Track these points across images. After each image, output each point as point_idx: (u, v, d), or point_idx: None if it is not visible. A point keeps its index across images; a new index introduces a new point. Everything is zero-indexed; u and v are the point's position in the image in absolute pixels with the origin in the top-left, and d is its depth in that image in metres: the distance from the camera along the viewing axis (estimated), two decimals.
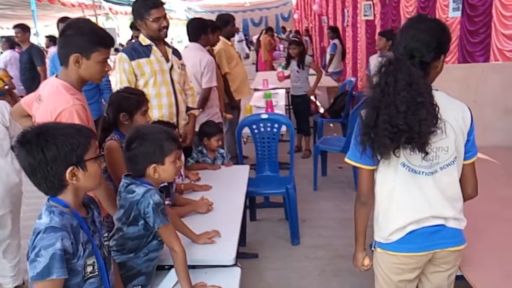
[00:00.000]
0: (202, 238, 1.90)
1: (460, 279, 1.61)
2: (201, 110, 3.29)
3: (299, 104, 5.20)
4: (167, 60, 2.73)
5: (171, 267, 1.78)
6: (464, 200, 1.55)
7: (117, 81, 2.65)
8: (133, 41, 4.35)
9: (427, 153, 1.36)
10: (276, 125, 3.39)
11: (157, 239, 1.67)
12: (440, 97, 1.39)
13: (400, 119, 1.30)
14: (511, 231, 1.82)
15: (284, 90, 5.79)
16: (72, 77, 1.81)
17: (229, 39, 4.49)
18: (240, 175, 2.76)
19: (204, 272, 1.84)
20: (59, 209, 1.24)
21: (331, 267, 2.90)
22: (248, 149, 4.67)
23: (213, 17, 4.54)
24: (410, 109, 1.30)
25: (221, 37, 4.20)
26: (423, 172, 1.43)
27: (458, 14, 3.91)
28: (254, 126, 3.42)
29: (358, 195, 1.55)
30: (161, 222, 1.58)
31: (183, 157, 2.74)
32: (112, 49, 1.98)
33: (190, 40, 3.72)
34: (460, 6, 3.86)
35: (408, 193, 1.46)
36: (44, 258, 1.16)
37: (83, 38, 1.76)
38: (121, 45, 11.74)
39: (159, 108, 2.66)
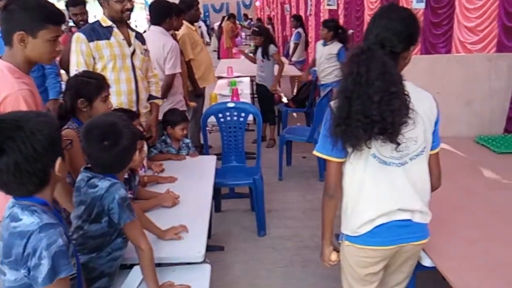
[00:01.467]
0: (168, 234, 1.80)
1: (424, 269, 1.62)
2: (164, 99, 3.14)
3: (264, 93, 5.13)
4: (129, 44, 2.55)
5: (133, 265, 1.67)
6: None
7: (72, 63, 2.45)
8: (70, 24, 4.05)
9: (398, 144, 1.34)
10: (243, 114, 3.30)
11: (122, 237, 1.55)
12: (408, 88, 1.37)
13: (373, 110, 1.28)
14: (477, 221, 1.84)
15: (248, 79, 5.70)
16: (18, 58, 1.60)
17: (192, 24, 4.32)
18: (207, 166, 2.66)
19: (171, 270, 1.74)
20: (40, 208, 1.13)
21: (298, 258, 2.88)
22: (212, 139, 4.56)
23: (175, 1, 4.33)
24: (383, 99, 1.27)
25: (184, 22, 4.02)
26: (393, 164, 1.42)
27: (422, 5, 3.97)
28: (220, 115, 3.31)
29: (326, 188, 1.51)
30: (127, 218, 1.46)
31: (146, 147, 2.59)
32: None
33: (153, 23, 3.52)
34: None
35: (378, 185, 1.44)
36: (47, 259, 1.05)
37: (28, 13, 1.55)
38: None
39: (117, 94, 2.49)
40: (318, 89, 5.88)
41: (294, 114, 6.33)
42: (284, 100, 6.28)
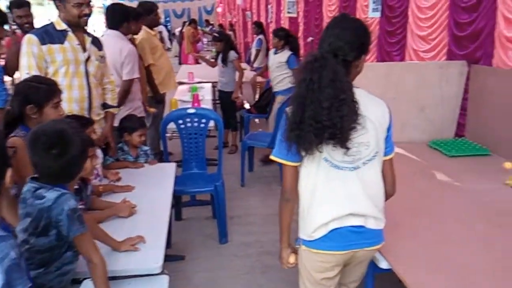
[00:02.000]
0: (124, 245, 1.73)
1: (381, 271, 1.66)
2: (120, 108, 3.05)
3: (226, 99, 5.11)
4: (84, 49, 2.46)
5: (84, 280, 1.59)
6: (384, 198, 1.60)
7: (23, 66, 2.32)
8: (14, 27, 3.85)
9: (348, 149, 1.39)
10: (203, 120, 3.26)
11: (72, 250, 1.47)
12: (360, 94, 1.42)
13: (324, 115, 1.32)
14: (431, 222, 1.90)
15: (210, 84, 5.66)
16: None
17: (152, 29, 4.24)
18: (166, 173, 2.59)
19: (127, 283, 1.67)
20: None
21: (259, 264, 2.87)
22: (172, 145, 4.48)
23: (133, 5, 4.23)
24: (333, 106, 1.32)
25: (143, 26, 3.94)
26: (346, 168, 1.45)
27: (378, 14, 4.10)
28: (180, 121, 3.26)
29: (282, 192, 1.54)
30: (77, 231, 1.39)
31: (101, 155, 2.50)
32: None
33: (109, 27, 3.42)
34: (380, 7, 4.05)
35: (331, 189, 1.47)
36: (0, 274, 0.99)
37: None
38: None
39: (68, 101, 2.38)
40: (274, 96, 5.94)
41: (256, 120, 6.35)
42: (246, 106, 6.29)
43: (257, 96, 6.53)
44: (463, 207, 2.06)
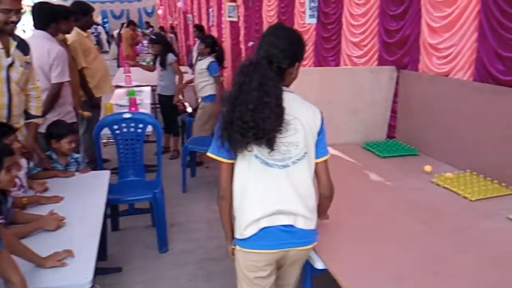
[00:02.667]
0: (49, 261, 1.61)
1: (317, 272, 1.68)
2: (46, 117, 2.86)
3: (166, 103, 5.00)
4: (8, 54, 2.28)
5: None
6: (321, 202, 1.68)
7: None
8: None
9: (272, 149, 1.45)
10: (140, 125, 3.15)
11: None
12: (292, 99, 1.52)
13: (248, 116, 1.39)
14: (364, 221, 1.97)
15: (149, 88, 5.51)
16: None
17: (84, 30, 4.03)
18: (99, 181, 2.47)
19: None
20: None
21: (201, 271, 2.82)
22: (110, 152, 4.29)
23: (65, 4, 4.00)
24: (257, 108, 1.39)
25: (75, 28, 3.74)
26: (275, 165, 1.51)
27: (314, 20, 4.22)
28: (115, 126, 3.12)
29: (218, 189, 1.59)
30: None
31: (25, 164, 2.32)
32: None
33: (36, 27, 3.20)
34: (316, 13, 4.17)
35: (261, 186, 1.52)
36: None
37: None
38: None
39: None
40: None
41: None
42: (189, 110, 6.20)
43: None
44: (393, 205, 2.16)
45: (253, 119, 1.39)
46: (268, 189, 1.52)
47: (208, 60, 4.52)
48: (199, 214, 3.68)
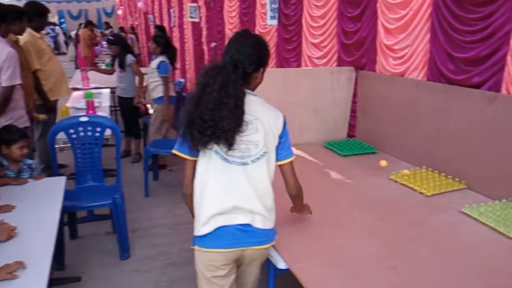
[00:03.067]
0: None
1: (280, 272, 1.69)
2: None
3: (126, 105, 4.87)
4: None
5: None
6: (292, 201, 1.79)
7: None
8: None
9: (231, 148, 1.51)
10: (98, 129, 3.05)
11: None
12: (255, 101, 1.59)
13: (207, 115, 1.45)
14: (326, 220, 1.99)
15: (109, 90, 5.35)
16: None
17: (38, 32, 3.86)
18: (54, 188, 2.36)
19: None
20: None
21: (165, 277, 2.76)
22: (68, 157, 4.13)
23: (18, 5, 3.82)
24: (216, 108, 1.46)
25: (28, 29, 3.57)
26: (235, 162, 1.55)
27: (275, 22, 4.24)
28: (71, 131, 3.00)
29: (183, 186, 1.63)
30: None
31: None
32: None
33: None
34: (277, 15, 4.19)
35: (219, 181, 1.56)
36: None
37: None
38: None
39: None
40: (185, 100, 5.85)
41: None
42: (151, 111, 6.08)
43: None
44: (353, 202, 2.21)
45: (212, 118, 1.44)
46: (226, 185, 1.55)
47: (159, 59, 4.39)
48: (162, 218, 3.61)
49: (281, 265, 1.66)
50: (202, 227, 1.56)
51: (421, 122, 2.65)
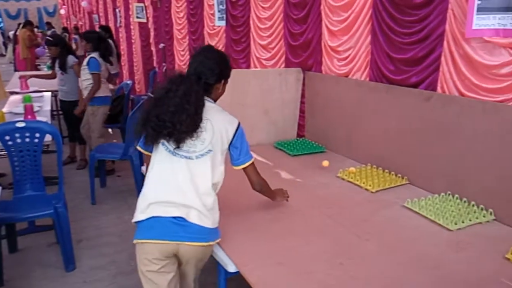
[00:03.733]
0: None
1: (230, 275, 1.68)
2: None
3: (69, 109, 4.64)
4: None
5: None
6: (260, 193, 1.97)
7: None
8: None
9: (179, 146, 1.61)
10: (37, 134, 2.88)
11: None
12: (212, 107, 1.73)
13: (167, 116, 1.57)
14: (276, 220, 2.01)
15: (50, 93, 5.08)
16: None
17: None
18: None
19: None
20: None
21: (114, 286, 2.66)
22: (5, 165, 3.87)
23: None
24: (177, 111, 1.57)
25: None
26: (179, 155, 1.64)
27: (223, 23, 4.23)
28: (7, 137, 2.81)
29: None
30: None
31: None
32: None
33: None
34: (225, 16, 4.18)
35: (161, 172, 1.65)
36: None
37: None
38: None
39: None
40: (133, 102, 5.68)
41: (110, 130, 5.96)
42: None
43: None
44: (302, 201, 2.23)
45: (171, 120, 1.56)
46: (167, 176, 1.64)
47: (89, 56, 4.20)
48: (110, 226, 3.47)
49: (231, 268, 1.64)
50: (139, 214, 1.63)
51: (365, 121, 2.74)
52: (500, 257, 1.67)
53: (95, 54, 4.21)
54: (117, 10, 8.34)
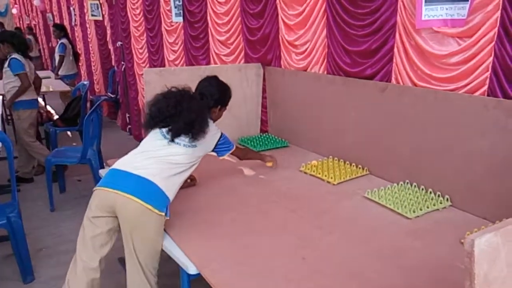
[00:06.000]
0: None
1: (192, 277, 1.65)
2: None
3: None
4: None
5: None
6: (246, 159, 2.50)
7: None
8: None
9: (173, 140, 1.90)
10: None
11: None
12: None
13: (169, 111, 1.87)
14: (237, 218, 1.98)
15: (1, 97, 4.81)
16: None
17: None
18: None
19: None
20: None
21: None
22: None
23: None
24: (177, 110, 1.87)
25: None
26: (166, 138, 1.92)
27: (180, 19, 4.14)
28: None
29: None
30: None
31: None
32: None
33: None
34: (181, 12, 4.09)
35: (144, 143, 1.97)
36: None
37: None
38: None
39: None
40: (93, 103, 5.48)
41: (69, 133, 5.76)
42: (55, 117, 5.62)
43: None
44: (265, 197, 2.22)
45: (171, 114, 1.86)
46: (145, 145, 1.94)
47: (10, 57, 3.99)
48: (71, 233, 3.33)
49: (192, 270, 1.61)
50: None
51: (325, 114, 2.76)
52: (457, 242, 1.71)
53: (16, 55, 4.00)
54: (71, 8, 8.02)
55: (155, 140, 1.91)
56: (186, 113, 1.86)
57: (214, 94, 2.10)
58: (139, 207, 1.72)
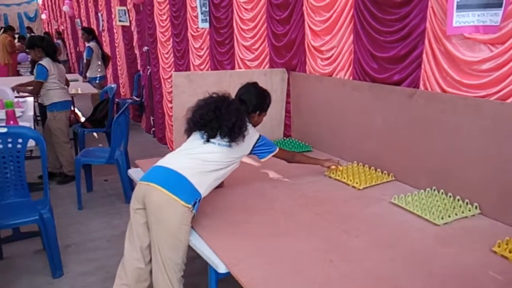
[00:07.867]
0: None
1: (221, 276, 1.67)
2: None
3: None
4: None
5: None
6: (299, 163, 2.51)
7: None
8: None
9: (209, 141, 2.02)
10: (20, 140, 2.83)
11: None
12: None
13: (209, 116, 1.96)
14: (265, 220, 2.01)
15: (32, 98, 4.99)
16: None
17: None
18: None
19: None
20: None
21: None
22: None
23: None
24: (216, 115, 1.96)
25: None
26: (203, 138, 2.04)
27: (207, 25, 4.22)
28: None
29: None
30: None
31: None
32: None
33: None
34: (208, 18, 4.17)
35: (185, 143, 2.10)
36: None
37: None
38: None
39: None
40: (118, 106, 5.62)
41: (95, 134, 5.91)
42: (82, 119, 5.78)
43: None
44: (290, 200, 2.24)
45: (210, 119, 1.96)
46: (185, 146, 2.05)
47: (38, 63, 4.19)
48: (98, 231, 3.43)
49: (221, 268, 1.64)
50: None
51: (350, 120, 2.77)
52: (487, 250, 1.70)
53: (44, 61, 4.18)
54: (99, 14, 8.26)
55: (194, 141, 2.03)
56: (225, 117, 1.94)
57: (253, 100, 2.17)
58: (164, 196, 1.80)
